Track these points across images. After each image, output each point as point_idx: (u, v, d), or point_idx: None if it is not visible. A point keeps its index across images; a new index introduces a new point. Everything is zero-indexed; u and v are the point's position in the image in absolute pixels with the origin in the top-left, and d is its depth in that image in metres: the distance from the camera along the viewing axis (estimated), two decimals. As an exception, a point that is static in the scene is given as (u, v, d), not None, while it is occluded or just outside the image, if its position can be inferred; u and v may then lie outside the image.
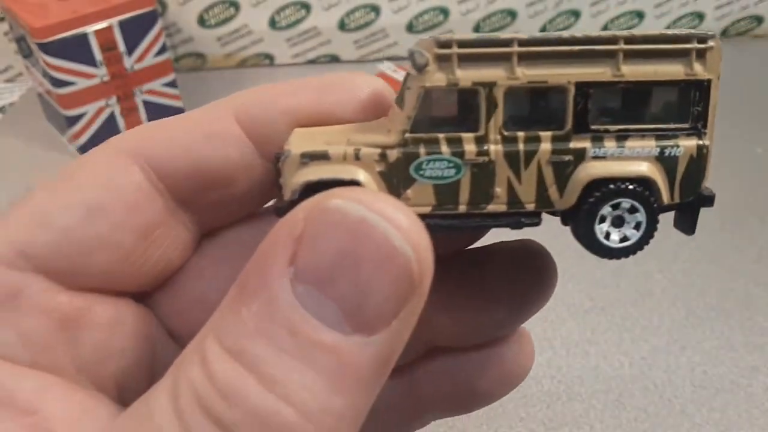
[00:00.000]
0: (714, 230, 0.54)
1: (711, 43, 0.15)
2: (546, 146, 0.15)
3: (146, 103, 0.68)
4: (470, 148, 0.15)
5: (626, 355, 0.45)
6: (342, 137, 0.16)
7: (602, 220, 0.16)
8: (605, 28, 0.83)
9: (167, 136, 0.18)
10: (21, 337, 0.16)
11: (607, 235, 0.16)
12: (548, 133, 0.15)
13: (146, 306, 0.19)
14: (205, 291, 0.19)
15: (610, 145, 0.15)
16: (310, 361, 0.13)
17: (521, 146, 0.15)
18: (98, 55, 0.63)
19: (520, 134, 0.15)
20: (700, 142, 0.16)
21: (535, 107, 0.15)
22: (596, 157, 0.15)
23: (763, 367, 0.44)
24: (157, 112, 0.69)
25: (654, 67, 0.15)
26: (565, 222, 0.17)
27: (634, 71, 0.15)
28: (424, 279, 0.14)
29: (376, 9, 0.79)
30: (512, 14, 0.80)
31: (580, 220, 0.16)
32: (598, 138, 0.15)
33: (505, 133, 0.15)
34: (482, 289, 0.20)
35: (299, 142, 0.16)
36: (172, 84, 0.69)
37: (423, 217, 0.14)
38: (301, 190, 0.15)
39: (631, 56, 0.15)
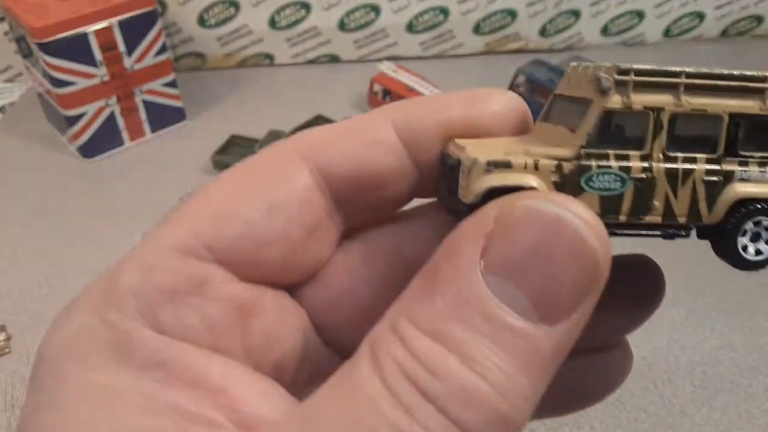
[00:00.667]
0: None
1: None
2: (701, 167, 0.18)
3: (146, 103, 0.68)
4: (636, 164, 0.18)
5: (626, 355, 0.45)
6: (518, 148, 0.18)
7: (744, 233, 0.18)
8: (605, 27, 0.83)
9: (334, 142, 0.20)
10: (205, 323, 0.18)
11: (745, 248, 0.19)
12: (703, 156, 0.18)
13: (295, 299, 0.20)
14: (350, 285, 0.20)
15: (753, 169, 0.18)
16: (503, 344, 0.14)
17: (680, 165, 0.18)
18: (98, 55, 0.63)
19: (680, 155, 0.18)
20: None
21: (693, 132, 0.18)
22: (742, 180, 0.18)
23: (762, 368, 0.44)
24: (157, 111, 0.69)
25: None
26: (701, 236, 0.19)
27: None
28: (605, 273, 0.15)
29: (376, 9, 0.79)
30: (512, 14, 0.80)
31: (726, 232, 0.18)
32: (744, 163, 0.18)
33: (668, 153, 0.18)
34: (604, 298, 0.21)
35: (478, 150, 0.18)
36: (172, 84, 0.69)
37: None
38: (484, 194, 0.17)
39: None
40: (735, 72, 0.18)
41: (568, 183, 0.17)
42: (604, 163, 0.18)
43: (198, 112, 0.74)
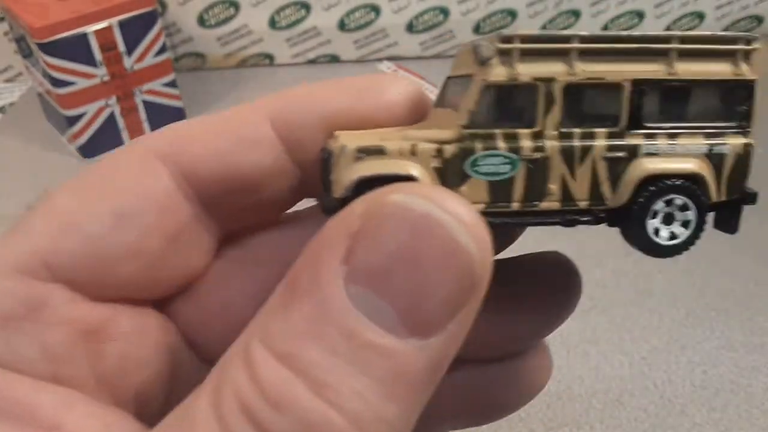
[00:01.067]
0: (713, 230, 0.54)
1: (756, 45, 0.16)
2: (601, 143, 0.15)
3: (146, 103, 0.68)
4: (526, 144, 0.15)
5: (626, 355, 0.45)
6: (395, 134, 0.16)
7: (654, 215, 0.16)
8: (605, 28, 0.83)
9: (198, 138, 0.17)
10: (43, 351, 0.16)
11: (656, 232, 0.16)
12: (603, 130, 0.16)
13: (166, 314, 0.18)
14: (228, 298, 0.18)
15: (662, 142, 0.16)
16: (363, 365, 0.12)
17: (577, 142, 0.15)
18: (98, 55, 0.63)
19: (576, 131, 0.15)
20: (746, 141, 0.16)
21: (591, 104, 0.15)
22: (649, 154, 0.16)
23: (763, 367, 0.44)
24: (157, 112, 0.69)
25: (704, 66, 0.16)
26: (612, 223, 0.17)
27: (686, 70, 0.15)
28: (484, 279, 0.13)
29: (376, 9, 0.79)
30: (512, 14, 0.80)
31: (634, 215, 0.16)
32: (650, 135, 0.16)
33: (562, 130, 0.15)
34: (509, 301, 0.19)
35: (350, 139, 0.16)
36: (172, 84, 0.69)
37: None
38: (354, 186, 0.15)
39: (684, 55, 0.15)
40: (635, 33, 0.15)
41: (451, 168, 0.15)
42: (490, 144, 0.15)
43: (198, 112, 0.74)
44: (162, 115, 0.70)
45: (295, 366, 0.12)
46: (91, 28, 0.61)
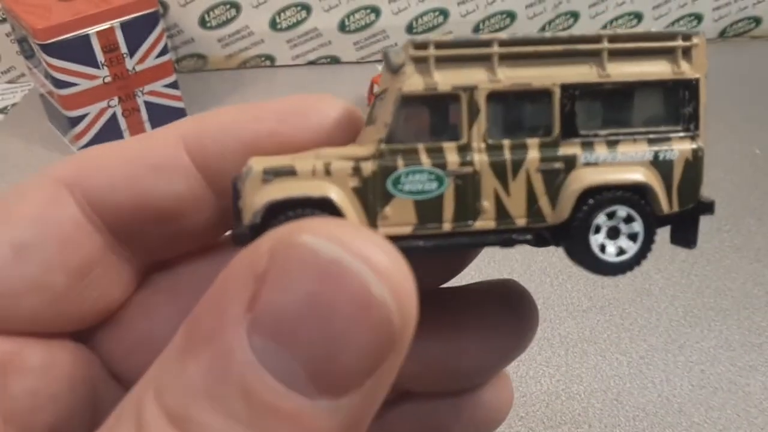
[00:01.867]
0: (712, 230, 0.54)
1: (696, 41, 0.15)
2: (534, 154, 0.14)
3: (148, 104, 0.69)
4: (452, 158, 0.14)
5: (624, 355, 0.45)
6: (309, 154, 0.15)
7: (597, 230, 0.14)
8: (604, 29, 0.83)
9: (108, 166, 0.16)
10: None
11: (603, 249, 0.14)
12: (536, 140, 0.14)
13: (87, 345, 0.17)
14: (153, 329, 0.17)
15: (601, 150, 0.14)
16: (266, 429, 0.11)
17: (507, 155, 0.14)
18: (100, 56, 0.63)
19: (506, 142, 0.14)
20: (695, 145, 0.15)
21: (519, 112, 0.14)
22: (588, 164, 0.14)
23: (761, 366, 0.44)
24: (158, 113, 0.70)
25: (640, 66, 0.14)
26: (556, 243, 0.15)
27: (620, 71, 0.14)
28: (405, 332, 0.11)
29: (376, 10, 0.80)
30: (511, 16, 0.81)
31: (574, 231, 0.14)
32: (588, 144, 0.14)
33: (490, 141, 0.14)
34: (456, 334, 0.18)
35: (260, 161, 0.14)
36: (173, 85, 0.70)
37: (404, 238, 0.13)
38: (264, 212, 0.13)
39: (616, 55, 0.14)
40: (562, 34, 0.14)
41: (372, 188, 0.14)
42: (412, 159, 0.14)
43: (199, 112, 0.74)
44: (163, 116, 0.70)
45: (186, 430, 0.11)
46: (93, 30, 0.62)
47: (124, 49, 0.64)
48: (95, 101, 0.65)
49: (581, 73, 0.14)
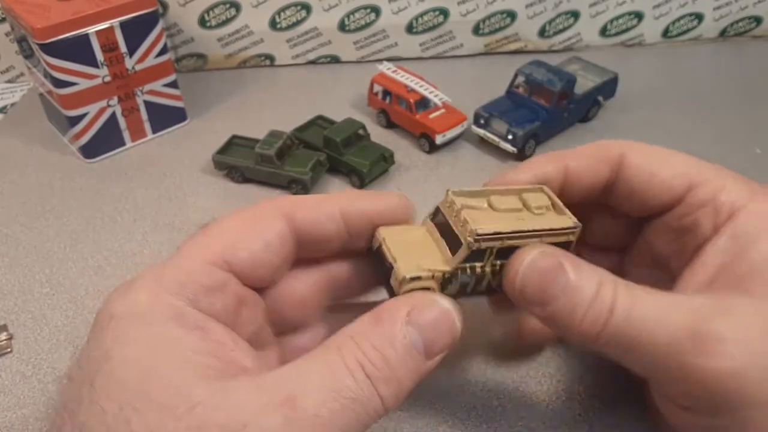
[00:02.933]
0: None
1: (571, 224, 0.34)
2: (499, 263, 0.33)
3: (147, 104, 0.69)
4: (478, 270, 0.33)
5: (625, 355, 0.45)
6: (424, 263, 0.32)
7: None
8: (604, 28, 0.83)
9: (305, 209, 0.31)
10: (223, 308, 0.29)
11: None
12: (498, 261, 0.33)
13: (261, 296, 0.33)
14: (291, 289, 0.33)
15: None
16: (405, 362, 0.27)
17: (498, 267, 0.33)
18: (100, 55, 0.63)
19: (498, 262, 0.33)
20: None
21: (506, 253, 0.33)
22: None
23: (761, 367, 0.44)
24: (158, 112, 0.70)
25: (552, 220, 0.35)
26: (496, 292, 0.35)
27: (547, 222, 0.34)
28: (459, 337, 0.30)
29: (376, 10, 0.80)
30: (512, 15, 0.81)
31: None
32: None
33: (494, 262, 0.33)
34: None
35: (401, 259, 0.32)
36: (173, 84, 0.70)
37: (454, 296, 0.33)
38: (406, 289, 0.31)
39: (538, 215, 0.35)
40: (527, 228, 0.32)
41: (447, 280, 0.32)
42: (464, 269, 0.32)
43: (199, 112, 0.75)
44: (163, 116, 0.70)
45: (382, 353, 0.27)
46: (93, 29, 0.62)
47: (123, 48, 0.64)
48: (95, 101, 0.65)
49: (539, 225, 0.34)
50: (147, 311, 0.26)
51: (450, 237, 0.32)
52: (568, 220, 0.33)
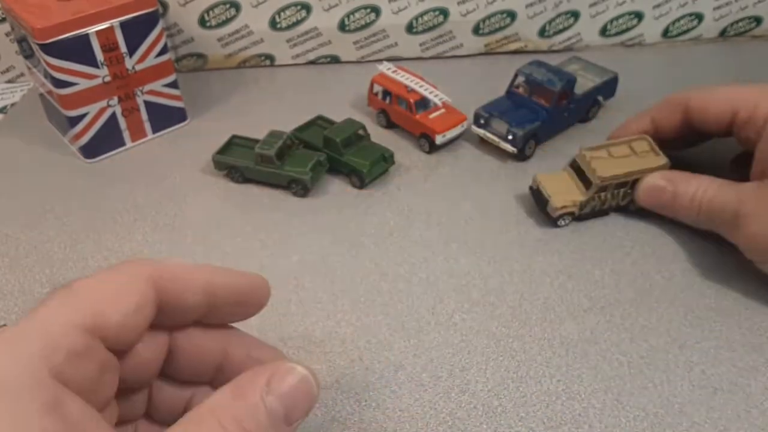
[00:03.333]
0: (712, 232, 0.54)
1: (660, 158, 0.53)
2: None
3: (147, 104, 0.69)
4: (603, 197, 0.52)
5: (625, 355, 0.45)
6: (568, 196, 0.52)
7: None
8: (604, 28, 0.83)
9: (173, 277, 0.30)
10: (88, 376, 0.27)
11: None
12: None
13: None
14: (145, 354, 0.32)
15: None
16: (265, 421, 0.27)
17: (611, 194, 0.50)
18: (100, 55, 0.63)
19: (617, 191, 0.51)
20: None
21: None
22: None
23: (761, 367, 0.44)
24: (158, 112, 0.70)
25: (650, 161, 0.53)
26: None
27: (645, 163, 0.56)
28: (313, 406, 0.29)
29: (376, 10, 0.80)
30: (512, 15, 0.81)
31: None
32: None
33: (613, 192, 0.51)
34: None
35: (553, 192, 0.54)
36: (173, 84, 0.70)
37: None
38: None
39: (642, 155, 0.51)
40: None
41: (583, 205, 0.48)
42: (594, 198, 0.44)
43: (199, 112, 0.75)
44: (163, 116, 0.70)
45: (242, 428, 0.26)
46: (93, 29, 0.62)
47: (123, 48, 0.64)
48: (95, 101, 0.65)
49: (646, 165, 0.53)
50: (7, 381, 0.24)
51: (584, 178, 0.53)
52: (662, 159, 0.53)
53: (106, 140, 0.67)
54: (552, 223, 0.54)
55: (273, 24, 0.80)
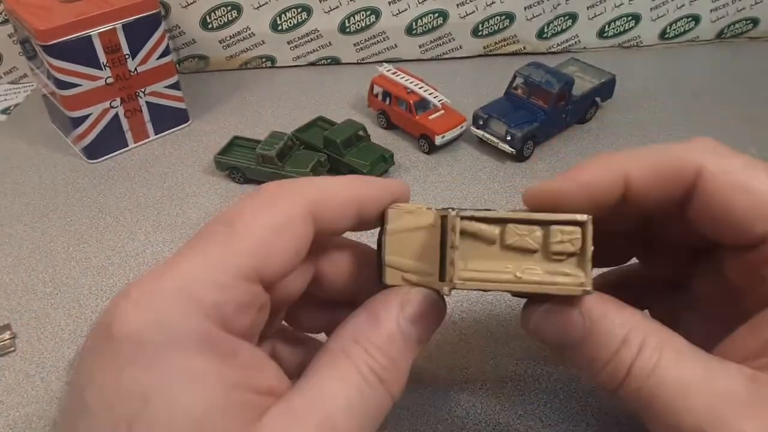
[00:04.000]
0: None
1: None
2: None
3: (150, 105, 0.69)
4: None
5: (622, 353, 0.46)
6: (415, 269, 0.30)
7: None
8: (602, 30, 0.84)
9: (332, 203, 0.29)
10: (252, 323, 0.27)
11: None
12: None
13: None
14: (294, 287, 0.31)
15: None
16: (405, 350, 0.28)
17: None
18: (102, 57, 0.64)
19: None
20: None
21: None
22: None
23: (756, 365, 0.45)
24: (160, 113, 0.70)
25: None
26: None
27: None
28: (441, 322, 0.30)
29: (376, 12, 0.80)
30: (510, 17, 0.81)
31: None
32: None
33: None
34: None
35: (397, 255, 0.30)
36: (175, 86, 0.70)
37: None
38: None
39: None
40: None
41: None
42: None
43: (201, 113, 0.75)
44: (165, 117, 0.71)
45: (385, 349, 0.28)
46: (96, 31, 0.62)
47: (126, 50, 0.65)
48: (97, 102, 0.66)
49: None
50: (181, 337, 0.23)
51: (445, 255, 0.27)
52: (581, 278, 0.26)
53: (108, 141, 0.68)
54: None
55: (274, 26, 0.80)
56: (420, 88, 0.68)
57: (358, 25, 0.81)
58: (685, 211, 0.28)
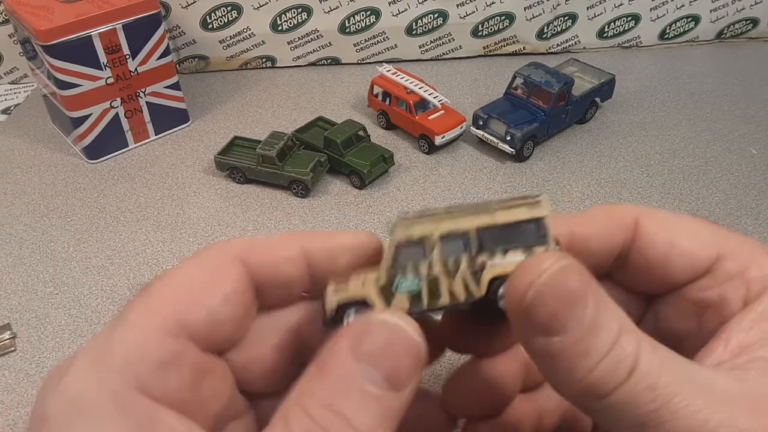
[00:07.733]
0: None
1: (540, 198, 0.25)
2: (464, 264, 0.25)
3: (150, 105, 0.69)
4: (424, 271, 0.25)
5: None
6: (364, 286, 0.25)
7: (501, 298, 0.25)
8: (602, 30, 0.84)
9: (263, 250, 0.27)
10: (180, 385, 0.24)
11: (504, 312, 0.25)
12: (465, 255, 0.25)
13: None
14: (262, 352, 0.27)
15: (499, 258, 0.25)
16: (369, 408, 0.21)
17: (452, 266, 0.25)
18: (103, 57, 0.64)
19: (450, 259, 0.25)
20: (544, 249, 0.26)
21: (456, 243, 0.25)
22: (492, 265, 0.25)
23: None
24: (160, 113, 0.70)
25: (513, 213, 0.25)
26: (477, 308, 0.25)
27: (503, 217, 0.25)
28: (424, 358, 0.22)
29: (376, 12, 0.80)
30: (510, 18, 0.81)
31: (489, 301, 0.25)
32: (492, 255, 0.25)
33: (443, 260, 0.25)
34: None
35: (337, 291, 0.26)
36: (175, 86, 0.70)
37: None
38: (335, 310, 0.25)
39: (500, 209, 0.25)
40: (477, 202, 0.26)
41: (386, 292, 0.25)
42: (406, 275, 0.25)
43: (201, 114, 0.75)
44: (165, 117, 0.71)
45: (335, 410, 0.21)
46: (96, 31, 0.62)
47: (126, 50, 0.65)
48: (98, 102, 0.66)
49: (484, 221, 0.25)
50: (87, 407, 0.21)
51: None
52: (543, 210, 0.27)
53: (109, 141, 0.68)
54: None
55: (274, 26, 0.80)
56: (420, 88, 0.68)
57: (358, 26, 0.81)
58: (628, 261, 0.29)
